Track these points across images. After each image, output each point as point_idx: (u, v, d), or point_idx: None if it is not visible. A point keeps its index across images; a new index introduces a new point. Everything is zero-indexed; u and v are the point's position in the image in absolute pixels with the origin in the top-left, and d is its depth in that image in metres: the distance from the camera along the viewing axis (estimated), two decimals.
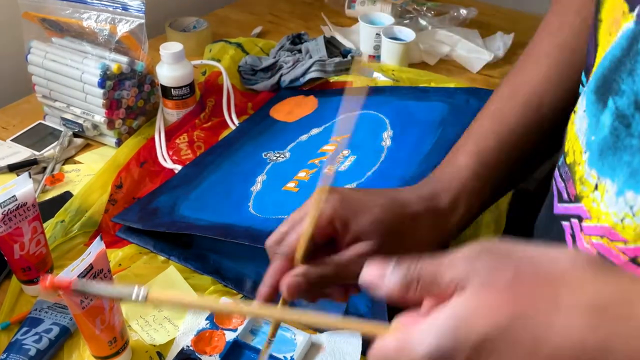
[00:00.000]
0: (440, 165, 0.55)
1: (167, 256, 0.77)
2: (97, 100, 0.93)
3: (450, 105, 0.93)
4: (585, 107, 0.41)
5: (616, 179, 0.38)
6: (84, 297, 0.55)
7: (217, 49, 1.17)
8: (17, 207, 0.67)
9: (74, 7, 0.93)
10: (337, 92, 1.07)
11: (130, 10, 0.91)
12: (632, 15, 0.38)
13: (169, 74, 0.97)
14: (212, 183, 0.86)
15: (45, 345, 0.64)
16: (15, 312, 0.70)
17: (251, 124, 1.02)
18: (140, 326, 0.68)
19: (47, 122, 1.01)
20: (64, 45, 0.97)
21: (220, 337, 0.65)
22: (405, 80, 1.10)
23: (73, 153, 0.96)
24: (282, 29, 1.37)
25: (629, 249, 0.38)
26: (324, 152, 0.88)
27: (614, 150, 0.38)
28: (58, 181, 0.89)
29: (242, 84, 1.13)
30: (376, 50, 1.20)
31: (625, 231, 0.37)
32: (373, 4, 1.37)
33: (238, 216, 0.77)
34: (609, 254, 0.39)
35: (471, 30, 1.30)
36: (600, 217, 0.39)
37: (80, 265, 0.56)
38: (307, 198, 0.78)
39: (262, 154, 0.92)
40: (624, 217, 0.37)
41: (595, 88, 0.40)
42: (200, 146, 0.97)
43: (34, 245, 0.69)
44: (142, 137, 0.97)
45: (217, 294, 0.72)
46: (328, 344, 0.66)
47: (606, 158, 0.38)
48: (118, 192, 0.86)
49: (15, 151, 0.95)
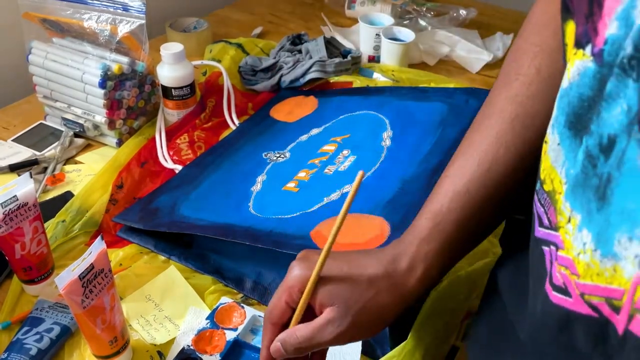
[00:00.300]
0: (409, 227, 0.57)
1: (167, 256, 0.77)
2: (98, 100, 0.93)
3: (449, 105, 0.94)
4: (559, 141, 0.43)
5: (580, 215, 0.40)
6: None
7: (218, 50, 1.18)
8: (18, 207, 0.67)
9: (75, 8, 0.93)
10: (337, 92, 1.08)
11: (131, 10, 0.92)
12: (584, 54, 0.39)
13: (169, 75, 0.97)
14: (212, 183, 0.86)
15: (46, 345, 0.64)
16: (16, 312, 0.70)
17: (251, 124, 1.02)
18: (141, 325, 0.68)
19: (48, 122, 1.02)
20: (65, 45, 0.97)
21: (220, 336, 0.65)
22: (405, 80, 1.10)
23: (74, 153, 0.97)
24: (282, 30, 1.38)
25: (579, 284, 0.40)
26: (324, 152, 0.89)
27: (583, 187, 0.39)
28: (59, 181, 0.90)
29: (243, 85, 1.13)
30: (376, 51, 1.20)
31: (579, 266, 0.40)
32: (373, 4, 1.37)
33: (238, 216, 0.77)
34: (568, 285, 0.41)
35: (471, 31, 1.30)
36: (569, 249, 0.41)
37: (82, 265, 0.56)
38: (307, 198, 0.79)
39: (262, 154, 0.92)
40: (579, 252, 0.40)
41: (569, 124, 0.41)
42: (200, 146, 0.97)
43: (35, 245, 0.69)
44: (142, 137, 0.97)
45: (217, 293, 0.72)
46: None
47: (577, 193, 0.40)
48: (119, 192, 0.87)
49: (16, 151, 0.95)
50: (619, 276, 0.37)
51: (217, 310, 0.68)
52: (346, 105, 1.00)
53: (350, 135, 0.91)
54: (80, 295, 0.56)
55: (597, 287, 0.39)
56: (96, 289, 0.57)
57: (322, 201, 0.77)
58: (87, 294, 0.56)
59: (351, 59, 1.12)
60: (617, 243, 0.37)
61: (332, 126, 0.96)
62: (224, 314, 0.68)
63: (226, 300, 0.69)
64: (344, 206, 0.49)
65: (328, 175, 0.83)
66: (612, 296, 0.38)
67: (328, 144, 0.90)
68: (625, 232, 0.37)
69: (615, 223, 0.37)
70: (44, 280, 0.72)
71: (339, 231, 0.49)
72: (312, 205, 0.76)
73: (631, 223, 0.36)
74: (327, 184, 0.81)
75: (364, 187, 0.78)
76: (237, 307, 0.68)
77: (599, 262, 0.38)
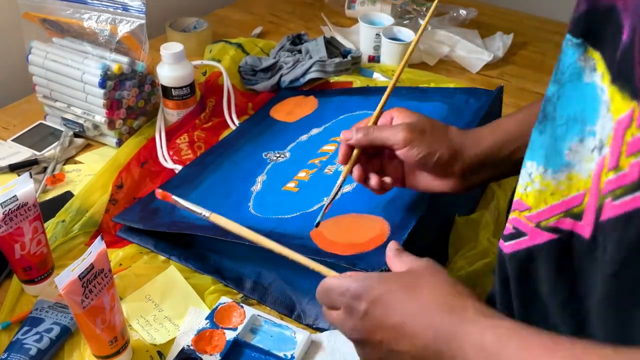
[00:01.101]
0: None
1: (167, 256, 0.77)
2: (98, 100, 0.93)
3: (449, 105, 0.93)
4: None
5: (525, 158, 0.45)
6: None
7: (218, 49, 1.18)
8: (18, 207, 0.67)
9: (75, 8, 0.93)
10: (337, 92, 1.07)
11: (131, 10, 0.92)
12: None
13: (169, 74, 0.97)
14: (212, 183, 0.86)
15: (46, 345, 0.64)
16: (16, 312, 0.70)
17: (251, 124, 1.02)
18: (140, 325, 0.68)
19: (48, 122, 1.02)
20: (65, 45, 0.97)
21: (220, 336, 0.65)
22: (405, 80, 1.10)
23: (74, 153, 0.97)
24: (282, 29, 1.38)
25: (532, 215, 0.44)
26: (324, 152, 0.89)
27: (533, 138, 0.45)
28: (59, 181, 0.90)
29: (243, 84, 1.13)
30: (376, 51, 1.20)
31: (529, 199, 0.44)
32: (373, 4, 1.37)
33: (238, 216, 0.77)
34: (519, 224, 0.45)
35: (471, 31, 1.30)
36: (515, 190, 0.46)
37: (81, 264, 0.56)
38: (307, 198, 0.79)
39: (262, 154, 0.92)
40: (526, 185, 0.44)
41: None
42: (200, 146, 0.97)
43: (35, 245, 0.69)
44: (142, 137, 0.97)
45: (217, 293, 0.72)
46: (328, 343, 0.66)
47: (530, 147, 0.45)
48: (119, 192, 0.87)
49: (16, 151, 0.95)
50: (575, 182, 0.41)
51: (216, 310, 0.68)
52: (346, 105, 1.00)
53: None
54: (80, 295, 0.56)
55: (553, 206, 0.42)
56: (96, 289, 0.57)
57: (322, 201, 0.77)
58: (87, 294, 0.56)
59: (351, 59, 1.12)
60: (568, 152, 0.41)
61: (332, 126, 0.96)
62: (223, 314, 0.68)
63: (226, 300, 0.69)
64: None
65: (328, 175, 0.83)
66: (571, 206, 0.41)
67: (328, 143, 0.90)
68: (575, 135, 0.41)
69: (562, 134, 0.42)
70: (44, 280, 0.72)
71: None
72: (312, 205, 0.76)
73: (581, 124, 0.41)
74: (327, 184, 0.80)
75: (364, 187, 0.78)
76: (237, 307, 0.68)
77: (551, 181, 0.42)
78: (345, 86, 1.09)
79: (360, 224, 0.71)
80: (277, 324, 0.67)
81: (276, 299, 0.72)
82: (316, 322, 0.69)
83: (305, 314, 0.70)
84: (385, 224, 0.70)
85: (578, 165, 0.41)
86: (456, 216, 0.77)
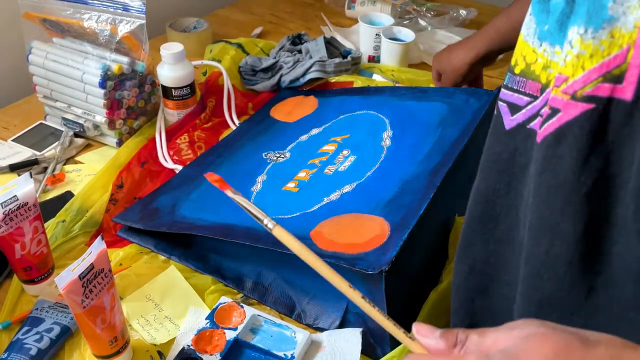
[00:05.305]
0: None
1: (167, 256, 0.77)
2: (98, 100, 0.93)
3: (449, 105, 0.94)
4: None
5: (563, 33, 0.42)
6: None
7: (218, 50, 1.18)
8: (18, 207, 0.67)
9: (75, 8, 0.93)
10: (337, 92, 1.08)
11: (131, 10, 0.92)
12: None
13: (169, 74, 0.97)
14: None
15: (46, 345, 0.64)
16: (16, 312, 0.70)
17: (251, 124, 1.02)
18: (141, 325, 0.68)
19: (48, 122, 1.02)
20: (65, 45, 0.97)
21: (220, 336, 0.65)
22: (404, 80, 1.10)
23: (74, 153, 0.97)
24: (282, 30, 1.38)
25: (569, 85, 0.41)
26: (324, 152, 0.89)
27: (568, 15, 0.42)
28: (59, 181, 0.90)
29: (243, 84, 1.13)
30: (376, 51, 1.20)
31: (567, 69, 0.41)
32: (373, 4, 1.37)
33: (238, 216, 0.77)
34: (555, 102, 0.42)
35: (471, 31, 1.30)
36: (555, 67, 0.44)
37: (82, 264, 0.56)
38: (307, 198, 0.79)
39: (262, 154, 0.92)
40: (566, 55, 0.42)
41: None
42: (200, 146, 0.97)
43: (35, 245, 0.69)
44: (142, 137, 0.97)
45: (217, 293, 0.72)
46: (328, 343, 0.66)
47: (563, 25, 0.43)
48: (119, 192, 0.87)
49: (17, 151, 0.95)
50: (618, 39, 0.38)
51: (216, 310, 0.68)
52: (346, 105, 1.00)
53: (350, 135, 0.91)
54: (80, 295, 0.56)
55: (591, 71, 0.40)
56: (96, 289, 0.57)
57: (322, 201, 0.77)
58: (87, 293, 0.56)
59: (351, 60, 1.12)
60: (611, 5, 0.38)
61: (332, 126, 0.96)
62: (223, 313, 0.68)
63: (226, 300, 0.69)
64: None
65: (328, 175, 0.83)
66: (611, 67, 0.39)
67: (328, 144, 0.90)
68: None
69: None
70: (44, 280, 0.72)
71: None
72: (312, 206, 0.76)
73: None
74: (327, 184, 0.81)
75: (364, 187, 0.79)
76: (237, 306, 0.68)
77: (591, 42, 0.40)
78: (346, 86, 1.09)
79: (360, 224, 0.71)
80: (277, 323, 0.67)
81: (276, 299, 0.72)
82: (316, 322, 0.69)
83: (305, 313, 0.70)
84: (385, 224, 0.70)
85: (623, 17, 0.38)
86: (456, 216, 0.77)
